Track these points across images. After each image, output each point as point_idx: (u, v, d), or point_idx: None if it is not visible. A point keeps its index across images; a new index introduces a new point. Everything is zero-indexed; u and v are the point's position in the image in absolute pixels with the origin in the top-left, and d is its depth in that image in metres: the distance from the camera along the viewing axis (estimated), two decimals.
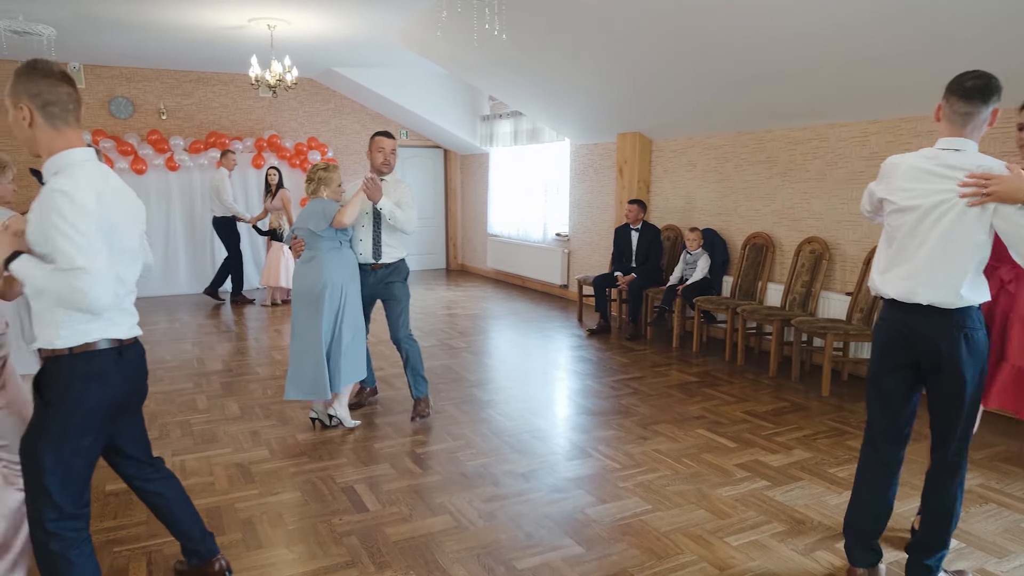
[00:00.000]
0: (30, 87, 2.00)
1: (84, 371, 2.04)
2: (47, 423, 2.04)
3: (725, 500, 3.32)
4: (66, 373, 2.04)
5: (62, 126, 2.04)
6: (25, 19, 6.55)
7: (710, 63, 5.37)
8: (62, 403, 2.04)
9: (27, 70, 2.01)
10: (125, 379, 2.16)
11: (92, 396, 2.06)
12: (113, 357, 2.11)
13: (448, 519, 3.15)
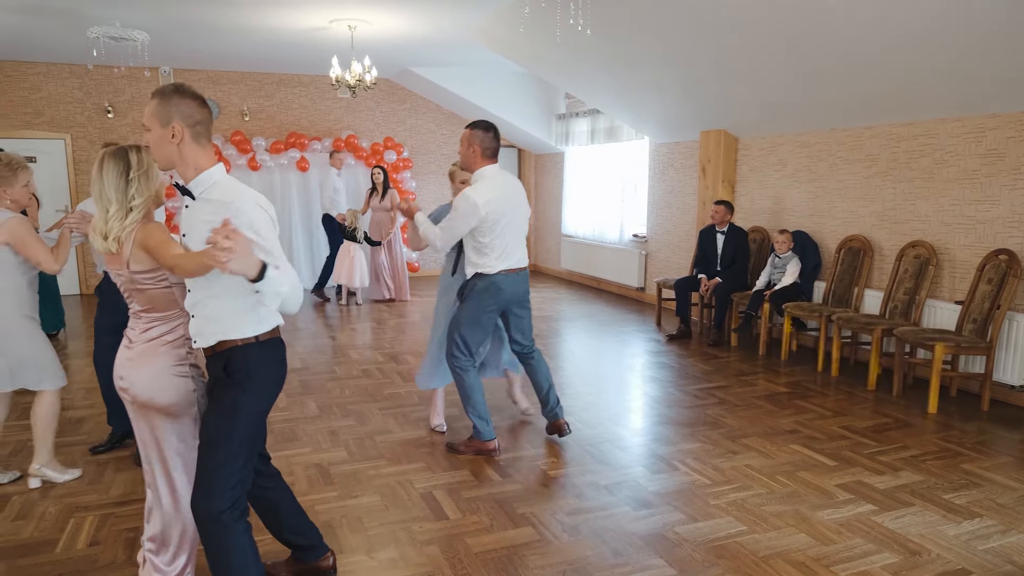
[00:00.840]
0: (182, 108, 2.13)
1: (276, 354, 2.32)
2: (248, 403, 2.22)
3: (828, 524, 3.08)
4: (258, 356, 2.26)
5: (206, 144, 2.20)
6: (122, 25, 6.80)
7: (804, 55, 5.08)
8: (263, 381, 2.26)
9: (178, 93, 2.14)
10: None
11: (282, 373, 2.37)
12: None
13: (531, 531, 3.04)
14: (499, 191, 3.76)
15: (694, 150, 7.77)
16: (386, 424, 4.41)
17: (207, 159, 2.19)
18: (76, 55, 8.44)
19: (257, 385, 2.24)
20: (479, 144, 3.76)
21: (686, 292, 6.82)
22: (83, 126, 9.32)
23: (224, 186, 2.17)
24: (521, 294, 3.93)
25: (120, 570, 2.78)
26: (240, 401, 2.21)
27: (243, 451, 2.21)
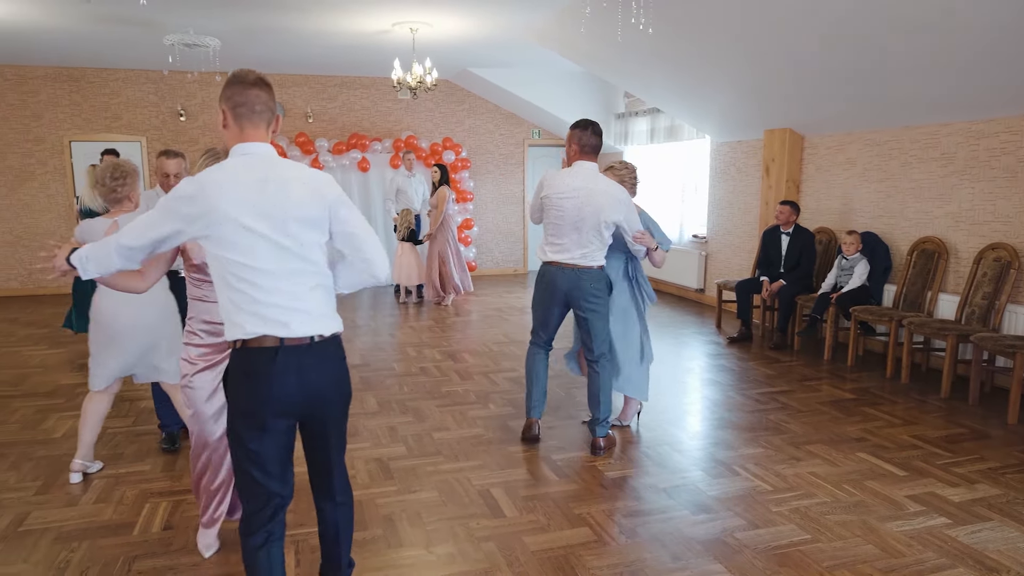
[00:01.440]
0: (225, 91, 2.10)
1: (242, 368, 2.09)
2: (229, 416, 2.14)
3: (897, 536, 2.97)
4: (232, 365, 2.12)
5: (246, 127, 2.09)
6: (195, 33, 7.08)
7: (875, 50, 4.91)
8: (232, 395, 2.13)
9: (228, 78, 2.13)
10: None
11: (251, 392, 2.14)
12: None
13: (588, 532, 3.03)
14: (566, 182, 3.81)
15: (757, 149, 7.60)
16: (444, 421, 4.46)
17: (234, 141, 2.11)
18: (153, 61, 8.82)
19: (231, 398, 2.11)
20: (576, 142, 3.91)
21: (748, 294, 6.67)
22: (158, 129, 9.73)
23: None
24: (574, 292, 3.83)
25: (192, 555, 2.89)
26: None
27: (237, 467, 2.11)
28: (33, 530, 3.11)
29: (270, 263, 2.01)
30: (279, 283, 2.03)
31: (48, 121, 9.39)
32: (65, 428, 4.40)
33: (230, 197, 1.98)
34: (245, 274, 2.00)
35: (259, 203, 2.00)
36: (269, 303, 2.01)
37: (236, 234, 1.98)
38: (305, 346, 2.05)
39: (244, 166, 2.05)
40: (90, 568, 2.80)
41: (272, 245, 2.01)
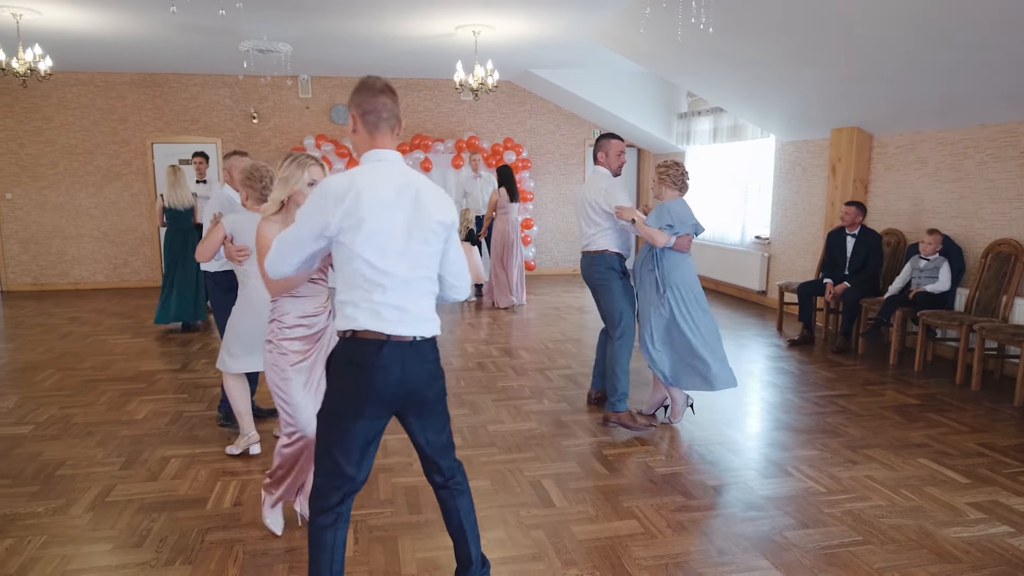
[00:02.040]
0: (354, 98, 2.23)
1: (346, 357, 2.23)
2: (326, 398, 2.28)
3: (955, 542, 2.91)
4: (336, 352, 2.27)
5: (374, 133, 2.21)
6: (268, 39, 7.40)
7: (946, 46, 4.76)
8: (333, 381, 2.26)
9: (357, 85, 2.26)
10: None
11: (353, 381, 2.27)
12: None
13: (635, 524, 3.08)
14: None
15: (824, 148, 7.44)
16: (499, 415, 4.57)
17: (365, 147, 2.25)
18: (228, 66, 9.25)
19: (332, 383, 2.24)
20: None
21: (810, 297, 6.54)
22: (231, 131, 10.19)
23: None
24: (586, 275, 4.45)
25: (259, 528, 3.08)
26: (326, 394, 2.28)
27: (322, 448, 2.23)
28: (118, 501, 3.36)
29: (396, 267, 2.14)
30: (398, 285, 2.15)
31: (133, 124, 9.96)
32: (146, 411, 4.70)
33: (371, 200, 2.10)
34: (371, 274, 2.12)
35: (396, 210, 2.13)
36: (385, 303, 2.14)
37: (371, 236, 2.11)
38: (407, 344, 2.18)
39: (383, 172, 2.17)
40: (168, 537, 3.02)
41: (400, 250, 2.14)
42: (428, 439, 2.34)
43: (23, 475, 3.67)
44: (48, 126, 9.75)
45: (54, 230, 9.96)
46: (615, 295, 4.31)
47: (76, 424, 4.44)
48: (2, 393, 5.10)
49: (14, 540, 2.99)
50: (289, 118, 10.31)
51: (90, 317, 7.94)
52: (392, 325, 2.15)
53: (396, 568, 2.77)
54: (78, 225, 10.01)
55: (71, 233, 10.02)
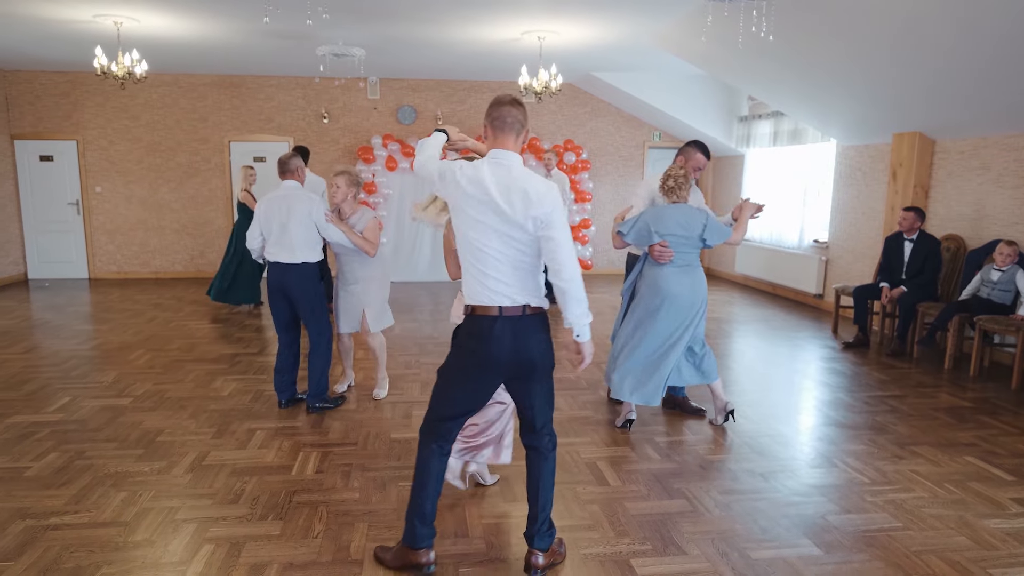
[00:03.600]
0: (488, 111, 2.60)
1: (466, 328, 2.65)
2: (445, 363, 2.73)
3: (993, 532, 3.05)
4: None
5: (498, 135, 2.57)
6: (344, 43, 7.82)
7: (1014, 50, 4.80)
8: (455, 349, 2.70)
9: (491, 101, 2.62)
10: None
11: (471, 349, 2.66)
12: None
13: (684, 503, 3.31)
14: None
15: (885, 153, 7.45)
16: (557, 402, 4.81)
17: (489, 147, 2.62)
18: (303, 69, 9.75)
19: (457, 349, 2.66)
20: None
21: (865, 300, 6.60)
22: (303, 130, 10.70)
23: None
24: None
25: (339, 492, 3.42)
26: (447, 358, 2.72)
27: (442, 394, 2.68)
28: (213, 465, 3.75)
29: (497, 249, 2.50)
30: (502, 266, 2.51)
31: (212, 123, 10.57)
32: (230, 388, 5.12)
33: (471, 190, 2.51)
34: (477, 255, 2.53)
35: (497, 202, 2.48)
36: (496, 278, 2.51)
37: (474, 222, 2.52)
38: (517, 316, 2.52)
39: (492, 169, 2.53)
40: (260, 496, 3.38)
41: (501, 236, 2.50)
42: (535, 413, 2.68)
43: (128, 440, 4.11)
44: (135, 124, 10.43)
45: (138, 222, 10.64)
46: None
47: (169, 398, 4.89)
48: (101, 369, 5.60)
49: (128, 493, 3.40)
50: (358, 118, 10.77)
51: (171, 304, 8.51)
52: (502, 298, 2.52)
53: (464, 530, 3.06)
54: (160, 218, 10.68)
55: (153, 225, 10.69)
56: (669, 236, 4.03)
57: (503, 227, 2.48)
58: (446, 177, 2.58)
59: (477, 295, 2.54)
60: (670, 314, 4.08)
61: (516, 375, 2.61)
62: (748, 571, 2.73)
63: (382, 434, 4.23)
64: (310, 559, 2.83)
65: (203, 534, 3.01)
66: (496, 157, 2.55)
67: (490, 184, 2.48)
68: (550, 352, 2.65)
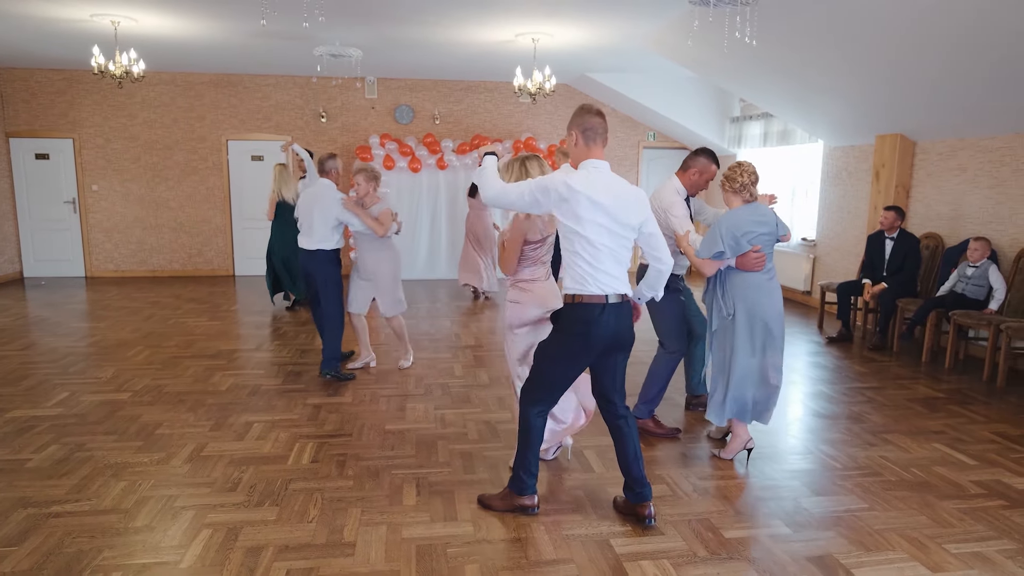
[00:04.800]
0: (579, 120, 2.96)
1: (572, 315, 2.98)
2: (545, 345, 3.13)
3: (951, 511, 3.22)
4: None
5: (592, 146, 2.95)
6: (341, 44, 7.96)
7: (989, 56, 4.97)
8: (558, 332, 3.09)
9: (578, 110, 2.99)
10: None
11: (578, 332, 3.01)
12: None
13: (664, 488, 3.46)
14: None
15: (869, 154, 7.62)
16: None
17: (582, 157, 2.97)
18: (301, 69, 9.88)
19: (561, 335, 3.00)
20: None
21: (849, 296, 6.77)
22: (301, 129, 10.82)
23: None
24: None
25: (335, 481, 3.57)
26: (549, 340, 3.08)
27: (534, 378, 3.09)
28: (211, 456, 3.89)
29: (607, 243, 2.89)
30: (608, 260, 2.90)
31: (210, 122, 10.69)
32: (228, 383, 5.26)
33: (589, 197, 2.85)
34: (588, 250, 2.89)
35: (608, 204, 2.86)
36: (605, 271, 2.90)
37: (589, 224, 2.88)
38: (616, 304, 2.91)
39: (598, 176, 2.91)
40: (257, 484, 3.52)
41: (612, 234, 2.90)
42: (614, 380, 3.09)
43: (127, 432, 4.24)
44: (132, 123, 10.54)
45: (135, 220, 10.75)
46: (663, 311, 4.17)
47: (168, 393, 5.02)
48: (99, 365, 5.73)
49: (128, 482, 3.54)
50: (355, 117, 10.90)
51: (169, 301, 8.63)
52: (607, 288, 2.90)
53: (453, 515, 3.21)
54: (157, 216, 10.79)
55: (150, 223, 10.80)
56: (758, 239, 3.58)
57: (615, 227, 2.87)
58: (550, 193, 2.87)
59: (587, 286, 2.89)
60: (775, 331, 3.65)
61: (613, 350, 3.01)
62: (720, 549, 2.89)
63: (377, 425, 4.38)
64: (305, 541, 2.97)
65: (201, 520, 3.15)
66: (596, 166, 2.92)
67: (603, 189, 2.85)
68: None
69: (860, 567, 2.75)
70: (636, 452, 3.09)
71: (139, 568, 2.76)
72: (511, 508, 3.19)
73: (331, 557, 2.85)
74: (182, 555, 2.85)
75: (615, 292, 2.91)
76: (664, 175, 11.82)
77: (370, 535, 3.02)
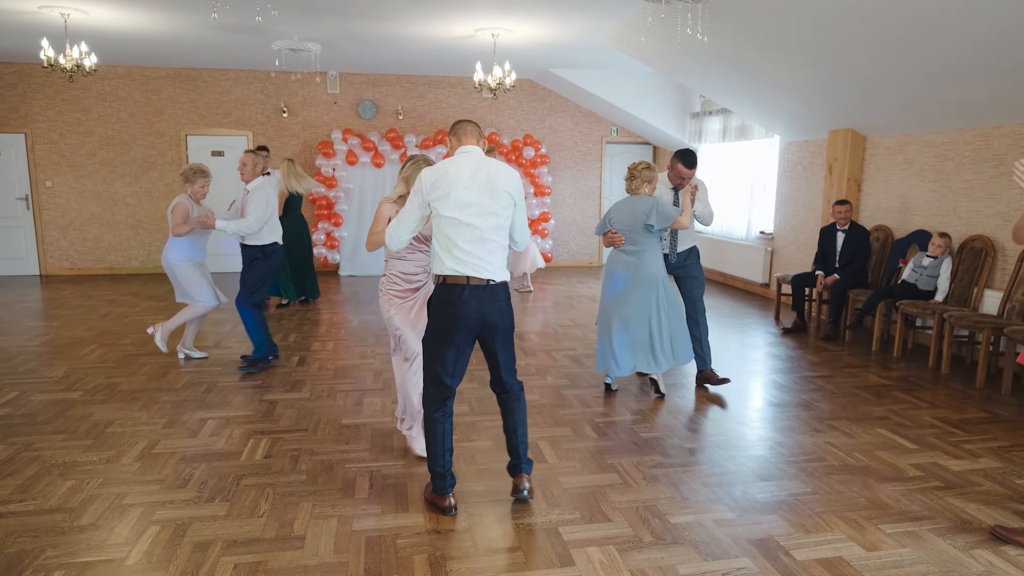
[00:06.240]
0: (452, 130, 3.18)
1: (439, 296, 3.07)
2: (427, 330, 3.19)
3: (889, 493, 3.32)
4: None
5: (464, 137, 3.15)
6: (299, 38, 7.88)
7: (932, 56, 5.11)
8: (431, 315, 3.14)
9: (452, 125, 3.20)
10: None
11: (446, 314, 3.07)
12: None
13: (615, 476, 3.51)
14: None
15: (823, 149, 7.78)
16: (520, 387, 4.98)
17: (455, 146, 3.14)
18: (260, 63, 9.75)
19: (432, 318, 3.09)
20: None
21: (803, 288, 6.92)
22: (262, 124, 10.70)
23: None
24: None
25: (287, 475, 3.55)
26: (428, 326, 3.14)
27: (427, 366, 3.12)
28: (162, 453, 3.85)
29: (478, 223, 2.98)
30: (474, 243, 2.98)
31: (168, 117, 10.51)
32: (184, 381, 5.20)
33: (455, 182, 2.96)
34: (454, 234, 2.97)
35: (472, 187, 2.97)
36: (470, 253, 2.98)
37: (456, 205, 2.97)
38: (482, 287, 2.98)
39: (464, 160, 3.04)
40: (208, 481, 3.49)
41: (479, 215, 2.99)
42: (500, 359, 3.15)
43: (77, 431, 4.17)
44: (87, 117, 10.32)
45: (91, 217, 10.53)
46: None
47: (121, 391, 4.95)
48: (51, 364, 5.62)
49: (75, 481, 3.48)
50: (317, 112, 10.80)
51: (127, 300, 8.48)
52: (473, 270, 2.98)
53: (405, 507, 3.22)
54: (114, 213, 10.58)
55: (107, 220, 10.59)
56: (617, 224, 4.56)
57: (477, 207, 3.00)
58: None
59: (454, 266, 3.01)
60: (624, 294, 4.56)
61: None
62: (666, 534, 2.95)
63: (333, 420, 4.36)
64: (254, 536, 2.96)
65: (149, 517, 3.12)
66: (464, 151, 3.09)
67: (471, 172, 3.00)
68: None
69: (799, 548, 2.83)
70: (516, 423, 3.22)
71: (82, 566, 2.73)
72: (432, 505, 3.21)
73: (280, 551, 2.84)
74: (128, 552, 2.82)
75: (483, 276, 3.00)
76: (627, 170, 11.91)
77: (320, 528, 3.02)
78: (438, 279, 3.05)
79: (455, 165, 3.00)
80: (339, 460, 3.75)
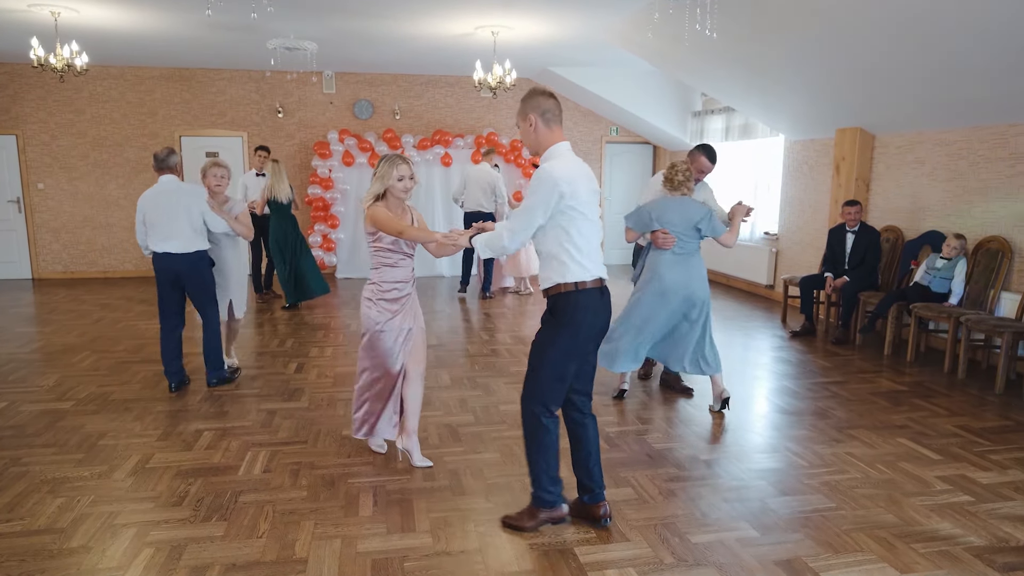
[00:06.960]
0: (534, 104, 2.82)
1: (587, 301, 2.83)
2: (555, 338, 2.87)
3: (918, 508, 3.18)
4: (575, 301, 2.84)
5: (555, 128, 2.85)
6: (295, 37, 7.72)
7: (945, 52, 4.98)
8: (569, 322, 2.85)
9: (529, 94, 2.87)
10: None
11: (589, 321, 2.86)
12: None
13: (630, 491, 3.37)
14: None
15: (829, 147, 7.65)
16: (510, 395, 4.85)
17: (552, 139, 2.84)
18: (255, 62, 9.59)
19: (565, 326, 2.83)
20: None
21: (811, 290, 6.78)
22: (257, 124, 10.53)
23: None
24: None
25: (287, 491, 3.40)
26: (551, 336, 2.86)
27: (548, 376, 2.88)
28: (157, 467, 3.69)
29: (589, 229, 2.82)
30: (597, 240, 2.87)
31: (162, 117, 10.33)
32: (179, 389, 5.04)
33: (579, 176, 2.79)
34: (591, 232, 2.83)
35: (589, 187, 2.82)
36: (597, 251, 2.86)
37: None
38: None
39: (574, 160, 2.84)
40: (204, 498, 3.34)
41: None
42: (594, 372, 3.04)
43: (68, 444, 4.01)
44: (80, 119, 10.14)
45: (84, 220, 10.36)
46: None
47: (114, 401, 4.78)
48: (42, 372, 5.46)
49: (65, 499, 3.32)
50: (313, 113, 10.64)
51: (120, 304, 8.31)
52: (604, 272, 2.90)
53: (411, 526, 3.07)
54: (107, 215, 10.41)
55: (101, 223, 10.41)
56: (669, 225, 4.33)
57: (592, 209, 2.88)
58: (552, 198, 2.76)
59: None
60: (666, 298, 4.37)
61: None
62: (687, 555, 2.80)
63: (333, 431, 4.21)
64: (254, 559, 2.81)
65: (143, 538, 2.96)
66: (568, 149, 2.90)
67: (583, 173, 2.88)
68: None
69: (829, 570, 2.69)
70: (593, 452, 3.04)
71: None
72: (542, 523, 3.03)
73: (281, 575, 2.69)
74: None
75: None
76: (627, 169, 11.79)
77: (323, 550, 2.87)
78: (570, 287, 2.78)
79: (573, 159, 2.84)
80: (341, 475, 3.60)
